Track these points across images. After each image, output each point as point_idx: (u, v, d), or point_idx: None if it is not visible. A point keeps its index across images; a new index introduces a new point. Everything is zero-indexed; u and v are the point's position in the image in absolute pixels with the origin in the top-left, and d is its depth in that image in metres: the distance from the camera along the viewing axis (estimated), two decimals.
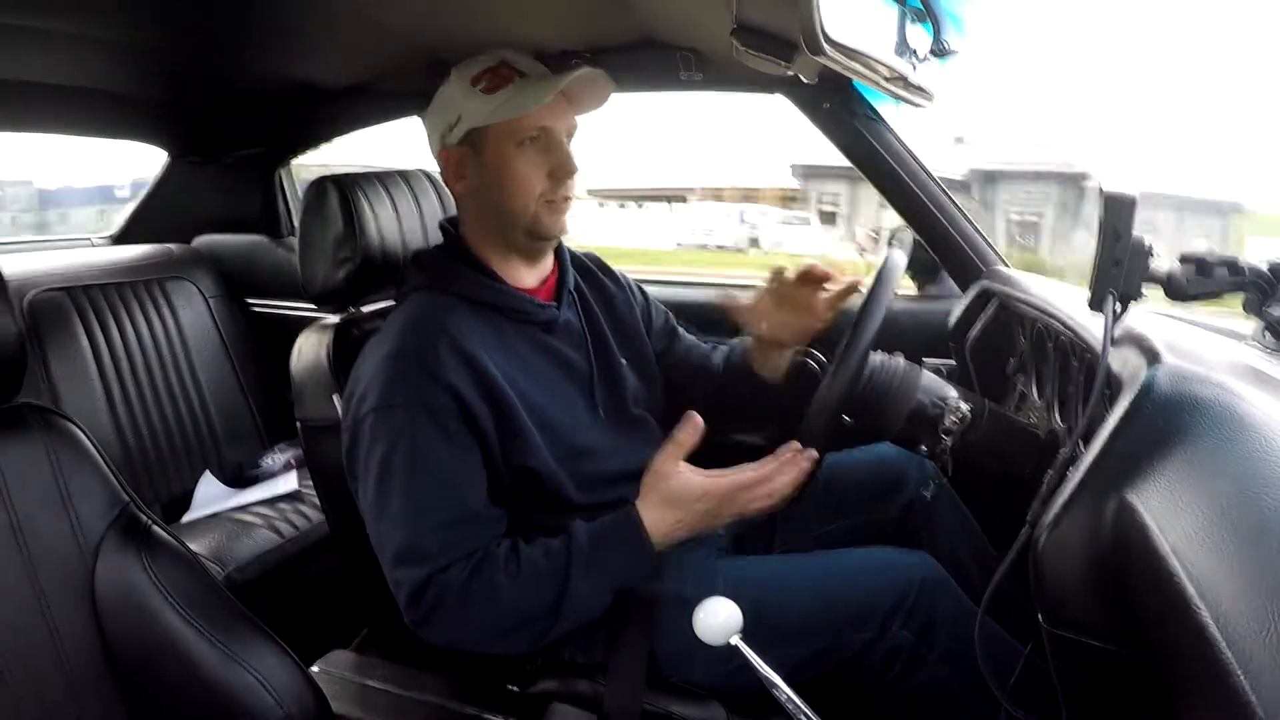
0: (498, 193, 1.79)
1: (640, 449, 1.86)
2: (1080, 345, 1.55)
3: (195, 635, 1.34)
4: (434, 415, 1.62)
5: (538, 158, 1.78)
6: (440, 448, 1.62)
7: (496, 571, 1.59)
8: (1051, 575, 0.97)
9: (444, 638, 1.62)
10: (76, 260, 3.15)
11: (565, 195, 1.82)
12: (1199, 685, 0.73)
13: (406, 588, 1.59)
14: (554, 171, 1.79)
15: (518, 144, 1.77)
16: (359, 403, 1.67)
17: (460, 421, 1.64)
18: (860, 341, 1.61)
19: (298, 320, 3.23)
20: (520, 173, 1.77)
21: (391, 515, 1.62)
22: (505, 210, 1.80)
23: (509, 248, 1.85)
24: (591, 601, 1.62)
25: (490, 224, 1.83)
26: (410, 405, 1.62)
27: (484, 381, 1.66)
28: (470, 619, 1.58)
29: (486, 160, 1.79)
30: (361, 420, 1.66)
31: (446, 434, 1.63)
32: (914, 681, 1.63)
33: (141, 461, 2.96)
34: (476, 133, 1.78)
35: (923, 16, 1.60)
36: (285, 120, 3.28)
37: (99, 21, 2.14)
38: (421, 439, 1.61)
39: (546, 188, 1.79)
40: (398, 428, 1.62)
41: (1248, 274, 1.29)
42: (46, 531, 1.33)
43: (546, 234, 1.83)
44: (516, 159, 1.77)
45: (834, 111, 2.43)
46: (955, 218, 2.48)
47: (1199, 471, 0.87)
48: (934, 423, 1.68)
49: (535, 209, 1.79)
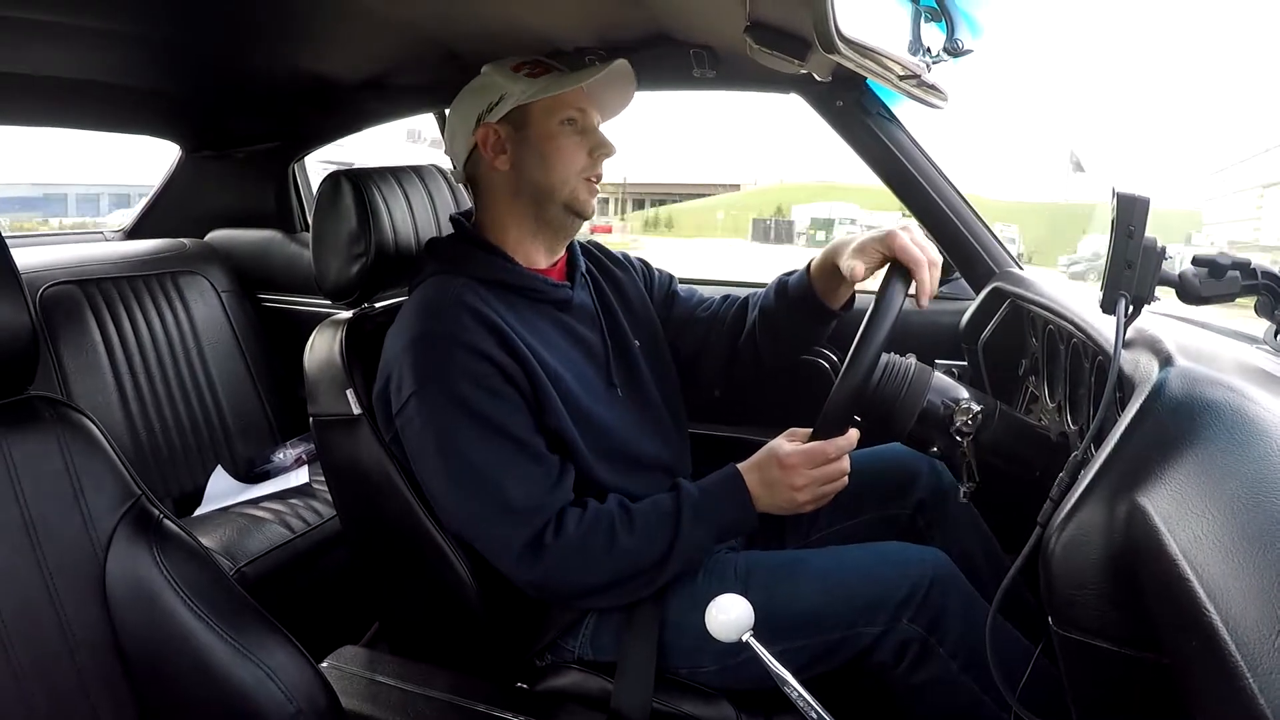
0: (540, 167, 1.84)
1: (653, 438, 1.91)
2: (1092, 347, 1.55)
3: (205, 629, 1.34)
4: (477, 381, 1.66)
5: (577, 137, 1.85)
6: (493, 408, 1.67)
7: (614, 523, 1.67)
8: (1061, 577, 0.97)
9: (564, 591, 1.71)
10: (90, 253, 3.16)
11: (599, 174, 1.88)
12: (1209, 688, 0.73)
13: (514, 549, 1.65)
14: (593, 150, 1.86)
15: (560, 122, 1.83)
16: (397, 391, 1.71)
17: (502, 380, 1.68)
18: (872, 342, 1.61)
19: (311, 315, 3.25)
20: (564, 147, 1.84)
21: (471, 487, 1.67)
22: (546, 185, 1.85)
23: (538, 225, 1.89)
24: (701, 546, 1.71)
25: (525, 200, 1.87)
26: (451, 378, 1.66)
27: (510, 345, 1.70)
28: (594, 570, 1.67)
29: (530, 135, 1.84)
30: (405, 406, 1.69)
31: (495, 394, 1.67)
32: (923, 675, 1.63)
33: (153, 455, 2.97)
34: (519, 111, 1.83)
35: (937, 15, 1.59)
36: (298, 115, 3.29)
37: (111, 15, 2.14)
38: (473, 405, 1.66)
39: (586, 165, 1.85)
40: (447, 403, 1.66)
41: (1260, 276, 1.28)
42: (58, 524, 1.32)
43: (583, 210, 1.88)
44: (560, 134, 1.83)
45: (847, 110, 2.43)
46: (968, 218, 2.48)
47: (1210, 474, 0.87)
48: (945, 424, 1.68)
49: (574, 185, 1.85)
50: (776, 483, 1.71)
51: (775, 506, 1.73)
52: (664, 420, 1.99)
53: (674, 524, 1.68)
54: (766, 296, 2.09)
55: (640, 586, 1.69)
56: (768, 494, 1.72)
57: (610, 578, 1.67)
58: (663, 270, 2.26)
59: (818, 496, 1.72)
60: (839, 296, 2.01)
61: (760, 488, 1.73)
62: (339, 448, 1.89)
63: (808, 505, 1.72)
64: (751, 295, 2.16)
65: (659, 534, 1.67)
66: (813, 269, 2.00)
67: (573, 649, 1.80)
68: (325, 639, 1.87)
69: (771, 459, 1.73)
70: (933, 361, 1.81)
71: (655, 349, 2.06)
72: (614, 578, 1.67)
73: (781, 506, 1.73)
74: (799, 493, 1.70)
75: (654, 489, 1.80)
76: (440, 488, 1.72)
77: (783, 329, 2.07)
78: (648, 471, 1.89)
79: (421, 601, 1.94)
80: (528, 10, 2.06)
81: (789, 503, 1.72)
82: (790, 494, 1.71)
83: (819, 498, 1.72)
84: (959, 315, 2.46)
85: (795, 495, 1.71)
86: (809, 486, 1.70)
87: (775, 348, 2.10)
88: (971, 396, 1.70)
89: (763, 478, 1.73)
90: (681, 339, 2.15)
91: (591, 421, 1.80)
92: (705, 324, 2.16)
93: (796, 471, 1.70)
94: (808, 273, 2.01)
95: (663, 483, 1.86)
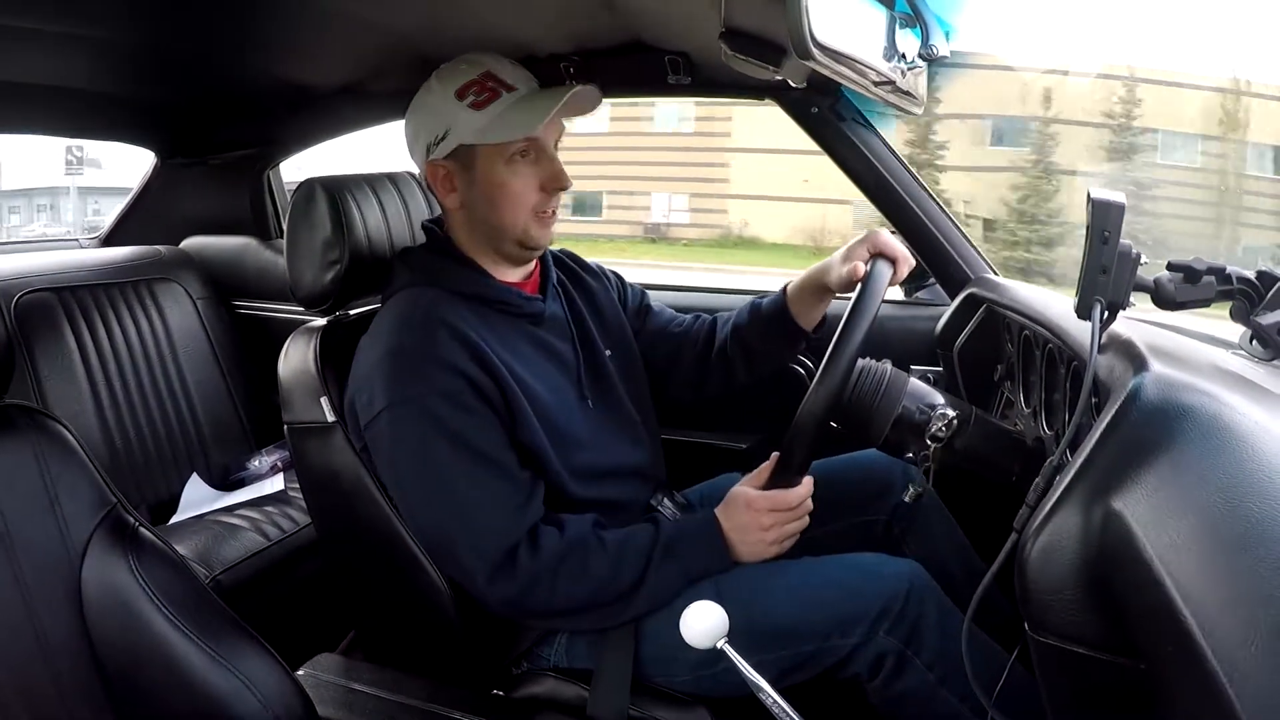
0: (488, 208, 1.80)
1: (626, 446, 1.92)
2: (1067, 352, 1.55)
3: (181, 638, 1.33)
4: (450, 398, 1.66)
5: (528, 170, 1.79)
6: (465, 424, 1.66)
7: (588, 548, 1.67)
8: (1038, 582, 0.97)
9: (533, 610, 1.71)
10: (65, 261, 3.14)
11: (554, 208, 1.84)
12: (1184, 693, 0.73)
13: (484, 569, 1.64)
14: (545, 184, 1.80)
15: (508, 160, 1.77)
16: (367, 406, 1.70)
17: (474, 397, 1.67)
18: (846, 348, 1.61)
19: (285, 323, 3.24)
20: (512, 190, 1.78)
21: (441, 505, 1.67)
22: (496, 225, 1.81)
23: (496, 254, 1.86)
24: (669, 588, 1.69)
25: (480, 234, 1.85)
26: (424, 395, 1.65)
27: (484, 361, 1.69)
28: (563, 593, 1.66)
29: (476, 177, 1.79)
30: (376, 422, 1.69)
31: (467, 410, 1.67)
32: (900, 687, 1.63)
33: (128, 463, 2.94)
34: (465, 149, 1.78)
35: (911, 22, 1.60)
36: (274, 122, 3.28)
37: (85, 21, 2.13)
38: (445, 422, 1.65)
39: (538, 201, 1.80)
40: (419, 419, 1.66)
41: (1235, 281, 1.29)
42: (33, 533, 1.31)
43: (536, 245, 1.85)
44: (508, 176, 1.78)
45: (822, 117, 2.44)
46: (944, 224, 2.49)
47: (1185, 479, 0.87)
48: (921, 429, 1.68)
49: (525, 223, 1.80)
50: (746, 527, 1.72)
51: (748, 550, 1.73)
52: (637, 428, 2.00)
53: (646, 559, 1.68)
54: (740, 316, 2.12)
55: (607, 615, 1.69)
56: (739, 537, 1.72)
57: (580, 603, 1.67)
58: (635, 285, 2.26)
59: (782, 536, 1.73)
60: (813, 318, 2.04)
61: (733, 534, 1.73)
62: (313, 455, 1.88)
63: (773, 548, 1.73)
64: (720, 316, 2.18)
65: (631, 565, 1.67)
66: (790, 290, 2.04)
67: (548, 657, 1.80)
68: (301, 647, 1.86)
69: (739, 501, 1.74)
70: (908, 367, 1.83)
71: (627, 357, 2.07)
72: (584, 603, 1.67)
73: (753, 549, 1.73)
74: (767, 533, 1.71)
75: (628, 497, 1.82)
76: (409, 505, 1.72)
77: (755, 348, 2.10)
78: (622, 480, 1.89)
79: (397, 609, 1.93)
80: (502, 17, 2.06)
81: (758, 543, 1.72)
82: (760, 534, 1.71)
83: (784, 537, 1.73)
84: (934, 321, 2.47)
85: (764, 535, 1.71)
86: (774, 527, 1.71)
87: (746, 365, 2.12)
88: (947, 402, 1.70)
89: (733, 524, 1.73)
90: (654, 352, 2.16)
91: (564, 434, 1.80)
92: (677, 339, 2.17)
93: (763, 513, 1.71)
94: (783, 294, 2.04)
95: (637, 490, 1.88)
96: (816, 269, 1.97)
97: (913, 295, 2.74)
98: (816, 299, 2.01)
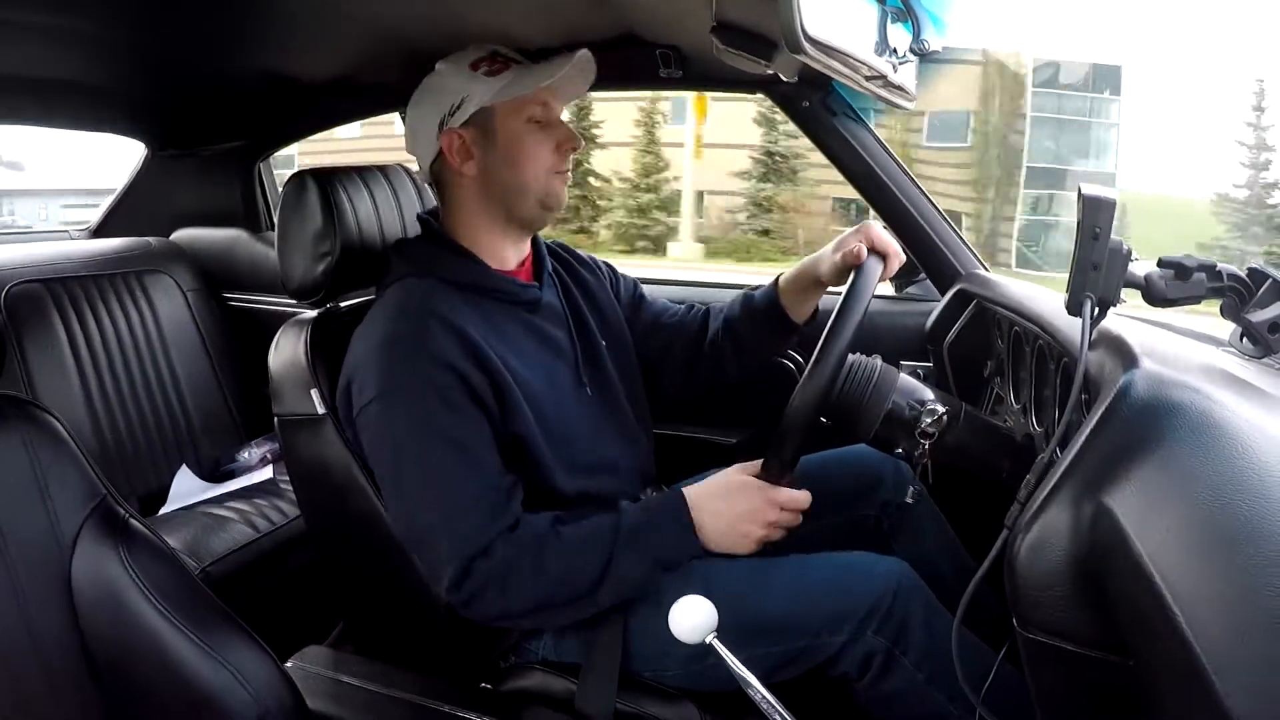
0: (510, 169, 1.83)
1: (618, 439, 1.92)
2: (1057, 349, 1.55)
3: (171, 630, 1.33)
4: (439, 393, 1.65)
5: (543, 133, 1.84)
6: (452, 424, 1.65)
7: (543, 547, 1.63)
8: (1027, 578, 0.97)
9: (488, 615, 1.67)
10: (55, 252, 3.14)
11: (569, 167, 1.88)
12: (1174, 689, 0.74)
13: (449, 571, 1.62)
14: (560, 144, 1.85)
15: (526, 120, 1.82)
16: (359, 394, 1.70)
17: (464, 395, 1.67)
18: (836, 344, 1.61)
19: (276, 315, 3.24)
20: (532, 147, 1.83)
21: (418, 500, 1.66)
22: (517, 185, 1.84)
23: (508, 223, 1.88)
24: (636, 578, 1.66)
25: (496, 201, 1.86)
26: (414, 388, 1.65)
27: (477, 355, 1.69)
28: (515, 595, 1.63)
29: (497, 138, 1.83)
30: (366, 411, 1.69)
31: (455, 408, 1.66)
32: (888, 686, 1.63)
33: (118, 455, 2.94)
34: (483, 113, 1.81)
35: (903, 16, 1.60)
36: (264, 114, 3.27)
37: (75, 13, 2.12)
38: (432, 419, 1.65)
39: (554, 160, 1.85)
40: (405, 412, 1.66)
41: (1226, 279, 1.29)
42: (23, 523, 1.31)
43: (557, 204, 1.88)
44: (527, 135, 1.82)
45: (814, 111, 2.44)
46: (934, 219, 2.50)
47: (1175, 476, 0.87)
48: (910, 425, 1.67)
49: (545, 181, 1.84)
50: (740, 513, 1.67)
51: (721, 537, 1.68)
52: (629, 421, 2.00)
53: (608, 550, 1.64)
54: (731, 308, 2.12)
55: (571, 612, 1.67)
56: (717, 523, 1.67)
57: (535, 603, 1.65)
58: (628, 275, 2.26)
59: (770, 535, 1.68)
60: (804, 311, 2.05)
61: (712, 517, 1.68)
62: (303, 447, 1.88)
63: (751, 543, 1.68)
64: (713, 307, 2.18)
65: (591, 558, 1.64)
66: (782, 283, 2.05)
67: (537, 650, 1.79)
68: (290, 639, 1.86)
69: (747, 486, 1.69)
70: (898, 363, 1.82)
71: (621, 350, 2.07)
72: (539, 603, 1.65)
73: (727, 536, 1.68)
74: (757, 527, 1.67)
75: (618, 491, 1.81)
76: (388, 494, 1.72)
77: (745, 340, 2.10)
78: (612, 474, 1.89)
79: (386, 601, 1.94)
80: (493, 10, 2.06)
81: (743, 534, 1.67)
82: (749, 525, 1.67)
83: (771, 536, 1.69)
84: (925, 317, 2.48)
85: (753, 528, 1.67)
86: (774, 525, 1.68)
87: (737, 358, 2.12)
88: (937, 398, 1.70)
89: (719, 507, 1.69)
90: (646, 344, 2.16)
91: (556, 426, 1.80)
92: (670, 331, 2.18)
93: (771, 506, 1.67)
94: (775, 287, 2.05)
95: (628, 484, 1.87)
96: (808, 261, 1.98)
97: (903, 291, 2.74)
98: (808, 291, 2.02)
